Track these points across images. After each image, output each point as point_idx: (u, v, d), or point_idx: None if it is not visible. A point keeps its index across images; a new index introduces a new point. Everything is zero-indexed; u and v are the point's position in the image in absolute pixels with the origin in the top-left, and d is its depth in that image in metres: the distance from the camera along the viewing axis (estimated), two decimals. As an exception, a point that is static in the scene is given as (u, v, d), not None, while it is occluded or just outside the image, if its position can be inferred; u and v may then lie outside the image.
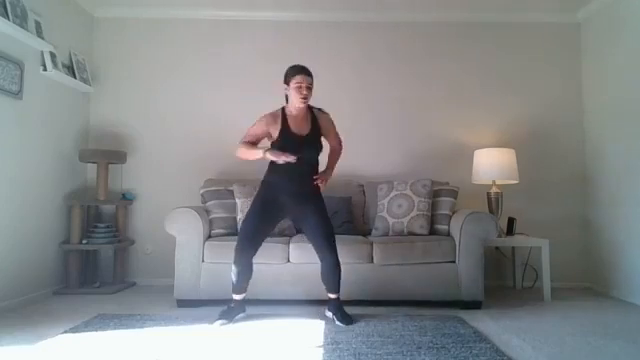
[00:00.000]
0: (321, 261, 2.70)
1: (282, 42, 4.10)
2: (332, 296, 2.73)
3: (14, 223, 3.10)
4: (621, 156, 3.53)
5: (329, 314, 2.74)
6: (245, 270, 2.68)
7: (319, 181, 2.70)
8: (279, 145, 2.62)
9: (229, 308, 2.71)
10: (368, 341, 2.31)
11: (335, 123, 2.87)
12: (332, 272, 2.68)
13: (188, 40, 4.12)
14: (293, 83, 2.61)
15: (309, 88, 2.62)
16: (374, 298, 3.06)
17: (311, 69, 2.71)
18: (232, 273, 2.70)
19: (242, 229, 2.73)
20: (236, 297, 2.74)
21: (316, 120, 2.72)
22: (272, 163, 2.67)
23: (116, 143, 4.03)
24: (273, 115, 2.70)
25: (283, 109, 2.71)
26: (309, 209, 2.69)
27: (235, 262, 2.67)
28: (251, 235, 2.66)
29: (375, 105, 4.10)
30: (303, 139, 2.64)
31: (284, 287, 3.06)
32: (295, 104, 2.63)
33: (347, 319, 2.64)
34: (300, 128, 2.66)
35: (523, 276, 3.84)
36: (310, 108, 2.74)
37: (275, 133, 2.65)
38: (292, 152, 2.54)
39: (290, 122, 2.66)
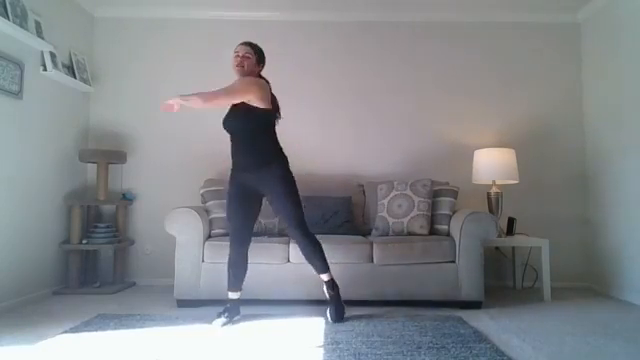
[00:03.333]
0: (294, 241, 2.68)
1: (282, 42, 4.09)
2: (324, 277, 2.70)
3: (14, 223, 3.10)
4: (621, 156, 3.53)
5: (326, 293, 2.72)
6: (240, 263, 2.69)
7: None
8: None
9: (226, 308, 2.71)
10: (368, 341, 2.31)
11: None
12: (307, 248, 2.63)
13: (188, 40, 4.12)
14: (232, 55, 2.66)
15: (246, 57, 2.63)
16: (374, 298, 3.06)
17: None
18: (229, 267, 2.70)
19: (227, 219, 2.70)
20: (232, 296, 2.74)
21: None
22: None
23: (116, 143, 4.03)
24: None
25: None
26: (270, 185, 2.61)
27: (230, 255, 2.69)
28: (239, 224, 2.65)
29: (375, 105, 4.10)
30: (229, 114, 2.65)
31: (284, 287, 3.06)
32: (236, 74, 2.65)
33: (337, 314, 2.64)
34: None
35: (523, 276, 3.84)
36: None
37: None
38: (225, 127, 2.65)
39: None
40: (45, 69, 3.36)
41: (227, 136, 4.13)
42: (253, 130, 2.62)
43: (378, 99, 4.10)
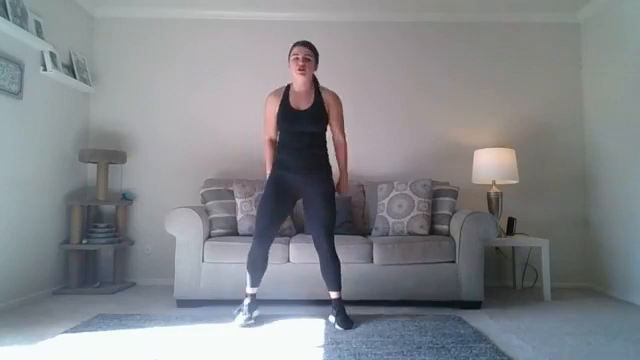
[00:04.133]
0: (317, 251, 2.63)
1: (283, 42, 4.06)
2: (333, 295, 2.65)
3: (14, 223, 3.10)
4: (621, 156, 3.53)
5: (332, 319, 2.66)
6: (260, 262, 2.65)
7: (339, 193, 2.64)
8: (278, 119, 2.63)
9: (246, 304, 2.66)
10: (368, 341, 2.31)
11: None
12: (328, 265, 2.60)
13: (188, 40, 4.12)
14: (291, 56, 2.63)
15: (307, 59, 2.60)
16: (374, 298, 3.06)
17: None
18: (248, 264, 2.65)
19: (259, 214, 2.63)
20: (250, 291, 2.70)
21: (320, 95, 2.66)
22: (279, 143, 2.69)
23: (116, 143, 4.03)
24: (276, 92, 2.69)
25: (288, 86, 2.70)
26: (315, 189, 2.60)
27: (251, 252, 2.63)
28: (267, 223, 2.60)
29: (375, 105, 4.10)
30: (302, 113, 2.59)
31: (284, 287, 3.05)
32: (294, 76, 2.62)
33: (346, 322, 2.56)
34: (300, 103, 2.62)
35: (523, 276, 3.84)
36: (317, 86, 2.70)
37: (277, 109, 2.64)
38: (290, 126, 2.59)
39: (291, 97, 2.64)
40: (45, 69, 3.36)
41: (226, 137, 4.14)
42: (320, 134, 2.65)
43: (379, 99, 4.10)
